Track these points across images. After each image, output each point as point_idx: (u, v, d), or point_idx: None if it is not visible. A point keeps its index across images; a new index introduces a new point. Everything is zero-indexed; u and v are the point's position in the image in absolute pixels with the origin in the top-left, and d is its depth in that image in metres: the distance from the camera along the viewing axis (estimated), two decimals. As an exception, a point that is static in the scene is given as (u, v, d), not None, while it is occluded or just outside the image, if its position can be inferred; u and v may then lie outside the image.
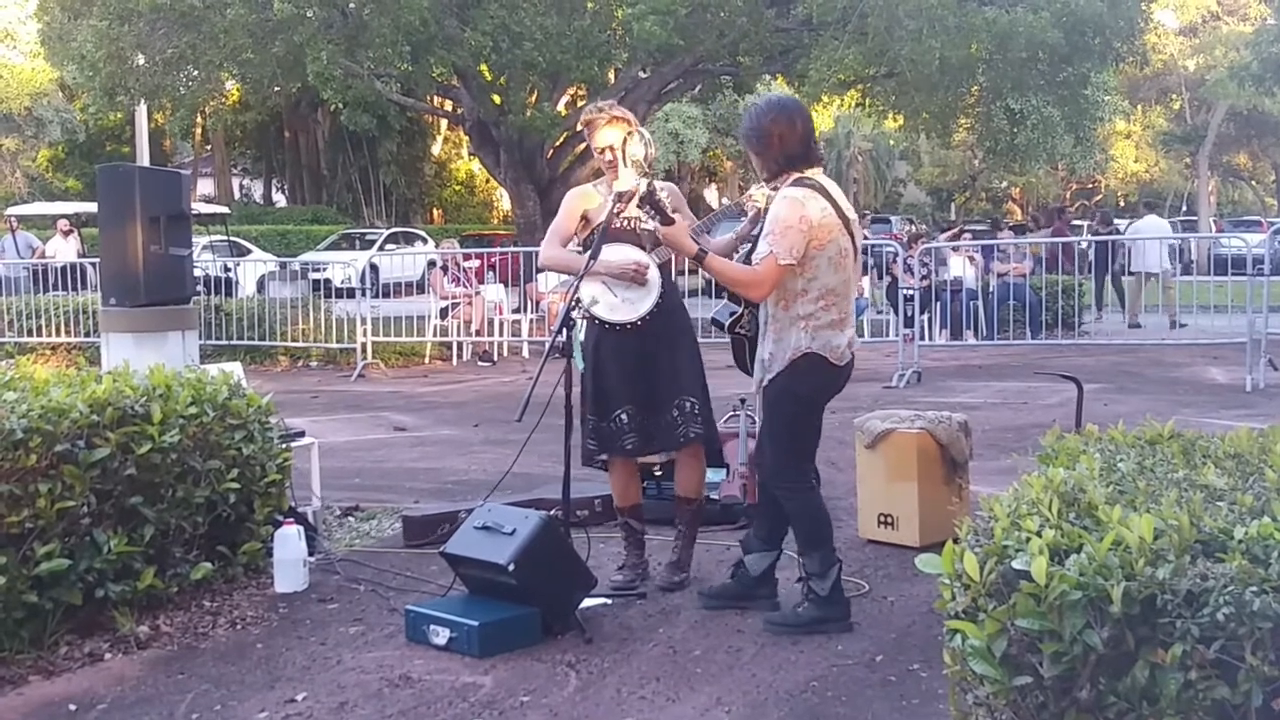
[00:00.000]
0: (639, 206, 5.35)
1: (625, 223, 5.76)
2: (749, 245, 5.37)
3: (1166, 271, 19.65)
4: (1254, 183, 60.17)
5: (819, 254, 5.07)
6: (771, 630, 5.23)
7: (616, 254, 5.67)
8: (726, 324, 5.52)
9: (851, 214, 5.23)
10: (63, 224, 23.32)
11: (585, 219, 5.94)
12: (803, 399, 5.23)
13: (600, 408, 5.84)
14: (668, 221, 5.24)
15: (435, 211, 49.85)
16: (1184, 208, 56.51)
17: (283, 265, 23.28)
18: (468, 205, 50.74)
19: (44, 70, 39.10)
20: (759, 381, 5.33)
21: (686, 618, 5.45)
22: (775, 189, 5.53)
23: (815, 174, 5.19)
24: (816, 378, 5.18)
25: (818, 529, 5.27)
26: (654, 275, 5.74)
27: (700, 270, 5.54)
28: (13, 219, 24.77)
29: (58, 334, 17.10)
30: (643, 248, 5.75)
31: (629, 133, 5.83)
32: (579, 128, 6.00)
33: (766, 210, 5.63)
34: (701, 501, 6.10)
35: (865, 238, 5.69)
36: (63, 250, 22.20)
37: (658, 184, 5.85)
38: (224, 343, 16.43)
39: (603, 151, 5.86)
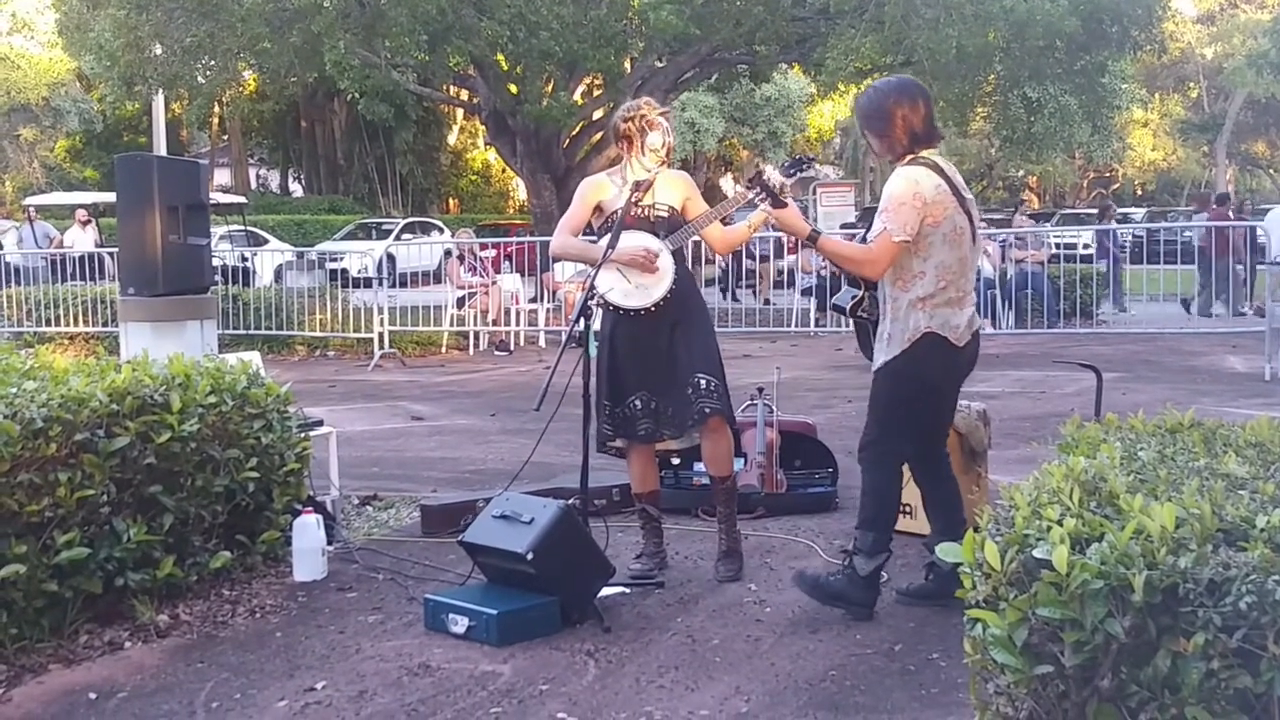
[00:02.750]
0: (749, 187, 5.32)
1: (641, 211, 5.77)
2: (865, 227, 5.33)
3: None
4: (1272, 171, 59.93)
5: (934, 231, 5.03)
6: (798, 585, 5.27)
7: (628, 242, 5.67)
8: (848, 309, 5.47)
9: (968, 193, 5.20)
10: (81, 214, 23.37)
11: (599, 208, 5.93)
12: (917, 380, 5.16)
13: (614, 393, 5.85)
14: (779, 204, 5.21)
15: (451, 201, 49.89)
16: (1201, 193, 56.29)
17: (300, 255, 23.34)
18: (484, 195, 50.77)
19: (62, 60, 39.24)
20: (876, 361, 5.25)
21: (705, 607, 5.45)
22: (790, 174, 5.51)
23: (931, 154, 5.17)
24: (936, 359, 5.11)
25: (882, 512, 5.24)
26: (666, 262, 5.73)
27: (716, 260, 5.54)
28: (30, 209, 24.83)
29: (76, 323, 17.14)
30: (656, 235, 5.75)
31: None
32: (630, 124, 5.89)
33: (781, 190, 5.61)
34: (734, 479, 6.06)
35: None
36: (80, 240, 22.27)
37: (672, 174, 5.87)
38: (242, 332, 16.47)
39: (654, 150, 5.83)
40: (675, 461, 7.13)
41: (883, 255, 5.05)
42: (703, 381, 5.70)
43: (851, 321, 5.58)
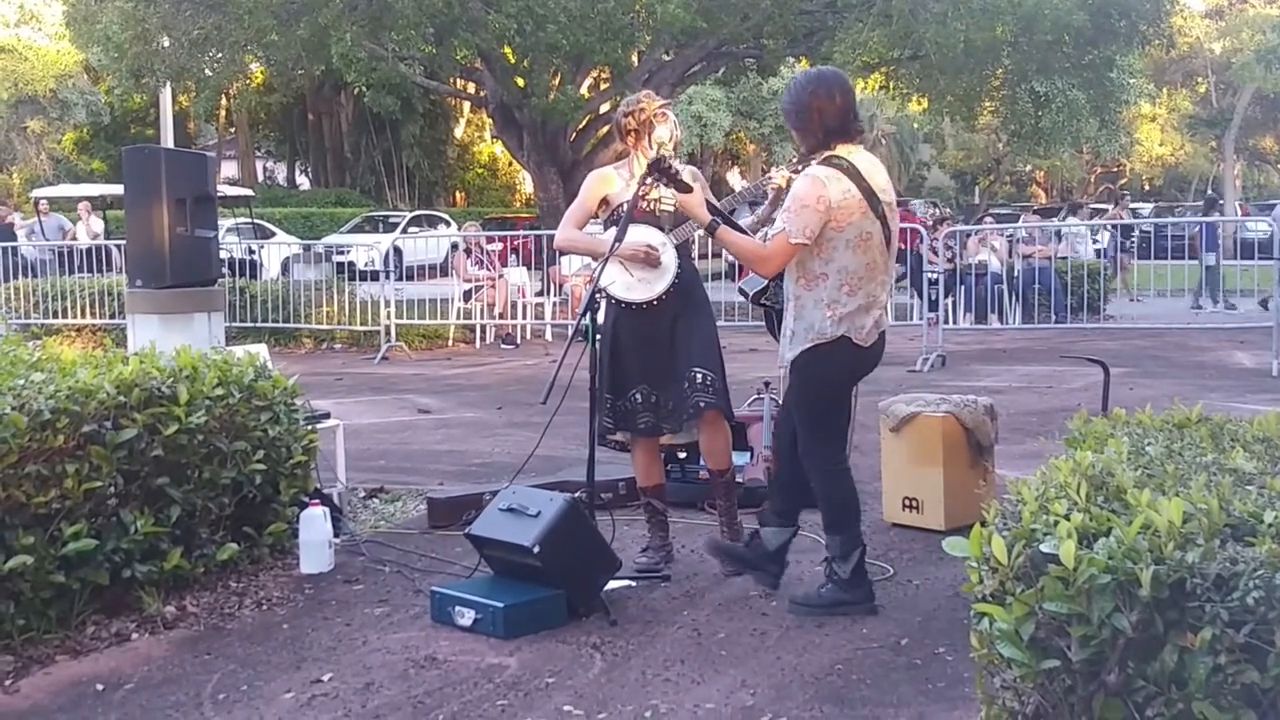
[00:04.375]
0: (648, 174, 5.34)
1: (647, 205, 5.76)
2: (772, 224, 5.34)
3: None
4: (1279, 166, 59.80)
5: (837, 235, 5.00)
6: (795, 611, 5.23)
7: (631, 236, 5.66)
8: (751, 294, 5.50)
9: (886, 195, 5.12)
10: (84, 206, 23.49)
11: (605, 202, 5.93)
12: (827, 380, 5.18)
13: (615, 387, 5.85)
14: (683, 189, 5.23)
15: (458, 194, 49.87)
16: (1209, 192, 56.22)
17: (306, 248, 23.33)
18: (490, 188, 50.75)
19: (69, 52, 39.25)
20: (782, 356, 5.28)
21: (711, 600, 5.45)
22: (797, 171, 5.50)
23: (852, 151, 5.09)
24: (841, 359, 5.13)
25: (843, 512, 5.25)
26: (669, 256, 5.73)
27: (724, 254, 5.54)
28: (43, 201, 24.85)
29: (83, 316, 17.17)
30: (662, 229, 5.75)
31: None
32: (631, 119, 5.88)
33: (787, 190, 5.62)
34: (732, 472, 6.06)
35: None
36: (80, 233, 22.41)
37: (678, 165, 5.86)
38: (249, 325, 16.50)
39: (661, 144, 5.82)
40: (682, 455, 7.13)
41: (777, 255, 5.05)
42: (699, 375, 5.70)
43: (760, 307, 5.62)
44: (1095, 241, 22.71)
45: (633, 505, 6.65)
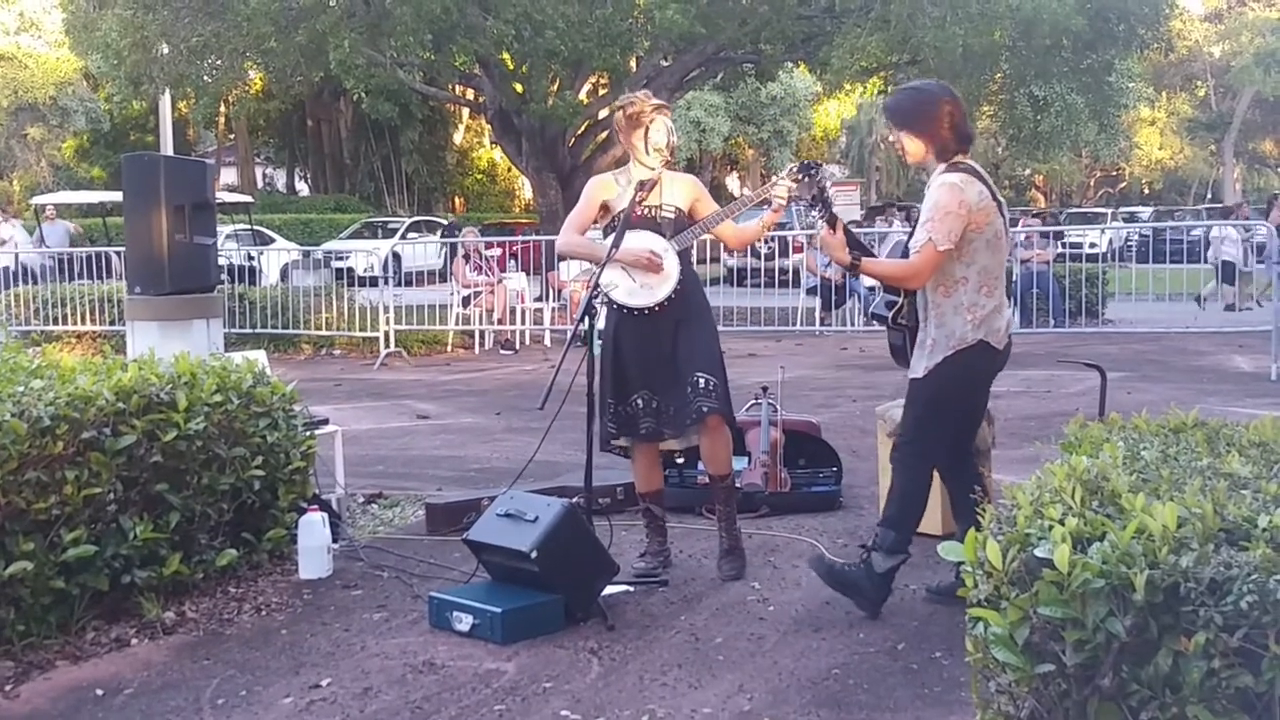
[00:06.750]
0: (810, 205, 5.36)
1: (646, 211, 5.78)
2: (909, 234, 5.34)
3: None
4: (1279, 169, 59.86)
5: (977, 237, 5.04)
6: (813, 568, 5.29)
7: (634, 242, 5.69)
8: (889, 317, 5.47)
9: (999, 196, 5.21)
10: None
11: (605, 207, 5.95)
12: (961, 383, 5.19)
13: (618, 392, 5.86)
14: (832, 222, 5.24)
15: (457, 200, 49.90)
16: (1209, 195, 56.29)
17: (306, 254, 23.35)
18: (489, 194, 50.76)
19: (69, 59, 39.34)
20: (914, 369, 5.23)
21: (708, 605, 5.46)
22: (798, 179, 5.51)
23: (964, 159, 5.17)
24: (979, 363, 5.17)
25: (907, 513, 5.25)
26: (671, 262, 5.74)
27: (721, 260, 5.54)
28: (49, 207, 24.89)
29: (83, 322, 17.17)
30: (662, 235, 5.76)
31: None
32: (622, 112, 5.90)
33: (790, 200, 5.64)
34: (732, 478, 6.07)
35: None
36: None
37: (672, 173, 5.87)
38: (248, 331, 16.48)
39: (658, 149, 5.82)
40: (679, 460, 7.14)
41: (926, 266, 5.05)
42: (702, 380, 5.70)
43: (886, 330, 5.56)
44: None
45: (631, 510, 6.67)
